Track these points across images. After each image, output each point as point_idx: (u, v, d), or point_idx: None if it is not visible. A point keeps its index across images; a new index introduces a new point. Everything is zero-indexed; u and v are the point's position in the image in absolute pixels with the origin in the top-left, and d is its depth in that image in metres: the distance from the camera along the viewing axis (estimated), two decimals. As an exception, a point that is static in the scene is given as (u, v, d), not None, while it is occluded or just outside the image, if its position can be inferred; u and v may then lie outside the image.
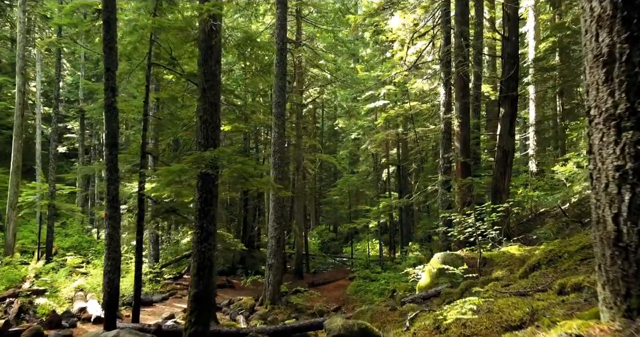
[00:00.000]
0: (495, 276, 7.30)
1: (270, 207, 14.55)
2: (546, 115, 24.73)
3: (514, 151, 12.63)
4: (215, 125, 7.08)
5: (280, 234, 14.42)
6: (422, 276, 9.17)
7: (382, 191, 29.18)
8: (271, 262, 14.33)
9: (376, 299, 15.80)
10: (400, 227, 26.51)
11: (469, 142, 13.04)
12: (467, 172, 12.71)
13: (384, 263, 19.82)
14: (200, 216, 6.92)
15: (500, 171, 12.36)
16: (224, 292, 17.16)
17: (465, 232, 8.93)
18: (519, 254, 8.18)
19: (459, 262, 8.39)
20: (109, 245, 8.25)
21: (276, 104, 14.62)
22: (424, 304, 7.55)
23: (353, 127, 25.91)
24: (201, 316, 6.68)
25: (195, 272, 6.84)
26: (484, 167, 16.56)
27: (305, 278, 21.57)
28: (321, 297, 17.13)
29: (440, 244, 12.93)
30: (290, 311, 14.38)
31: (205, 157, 6.54)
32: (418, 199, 14.68)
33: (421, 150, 20.26)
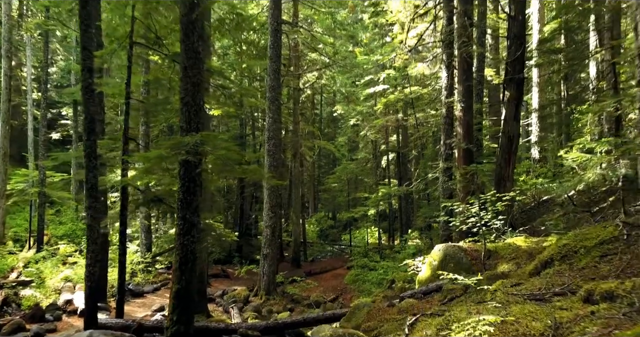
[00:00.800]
0: (501, 271, 6.80)
1: (265, 195, 14.03)
2: (550, 100, 24.10)
3: (519, 137, 12.06)
4: (198, 108, 6.50)
5: (275, 223, 13.93)
6: (422, 269, 8.68)
7: (381, 178, 28.65)
8: (266, 252, 13.87)
9: (374, 290, 15.39)
10: (399, 215, 26.05)
11: (472, 128, 12.46)
12: (470, 159, 12.15)
13: (382, 252, 19.39)
14: (183, 207, 6.39)
15: (504, 158, 11.79)
16: (219, 282, 16.75)
17: (468, 222, 8.41)
18: (526, 246, 7.67)
19: (462, 255, 7.89)
20: (89, 236, 7.74)
21: (270, 88, 14.01)
22: (424, 299, 7.06)
23: (352, 113, 25.26)
24: (184, 314, 6.19)
25: (177, 267, 6.33)
26: (486, 154, 16.00)
27: (303, 267, 21.18)
28: (318, 286, 16.72)
29: (441, 234, 12.43)
30: (286, 302, 13.98)
31: (185, 142, 5.98)
32: (418, 187, 14.15)
33: (421, 136, 19.67)
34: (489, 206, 8.36)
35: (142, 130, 16.43)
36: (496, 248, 7.91)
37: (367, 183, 29.83)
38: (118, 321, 7.95)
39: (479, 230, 8.27)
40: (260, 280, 13.98)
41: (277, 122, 14.16)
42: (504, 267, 7.00)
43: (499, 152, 12.33)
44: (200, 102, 6.57)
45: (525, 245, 7.73)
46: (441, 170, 12.46)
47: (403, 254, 16.66)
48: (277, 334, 7.79)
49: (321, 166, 42.84)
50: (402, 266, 9.73)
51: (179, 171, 6.45)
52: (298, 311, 13.43)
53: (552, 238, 7.69)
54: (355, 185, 30.64)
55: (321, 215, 35.82)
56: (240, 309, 12.61)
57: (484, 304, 3.30)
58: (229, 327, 7.71)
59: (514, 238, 8.43)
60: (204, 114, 11.18)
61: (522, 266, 6.68)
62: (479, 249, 7.97)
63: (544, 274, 4.75)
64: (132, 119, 10.04)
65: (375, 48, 26.67)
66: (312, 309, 13.70)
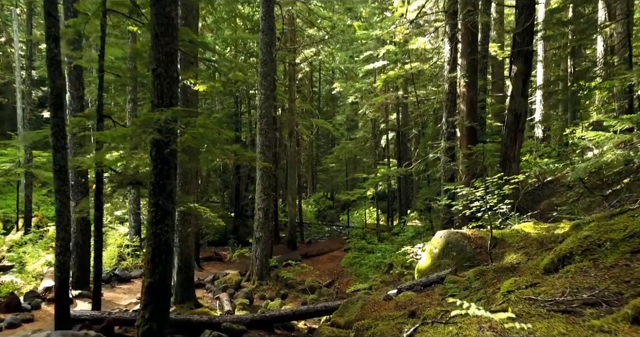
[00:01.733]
0: (510, 262, 6.17)
1: (258, 177, 13.35)
2: (556, 77, 23.19)
3: (526, 114, 11.32)
4: (172, 80, 5.75)
5: (268, 205, 13.29)
6: (421, 257, 8.06)
7: (380, 158, 27.96)
8: (259, 235, 13.28)
9: (371, 274, 14.88)
10: (398, 195, 25.45)
11: (476, 105, 11.70)
12: (473, 138, 11.44)
13: (380, 234, 18.82)
14: (155, 191, 5.70)
15: (510, 137, 11.07)
16: (211, 266, 16.23)
17: (472, 207, 7.75)
18: (535, 233, 7.03)
19: (465, 243, 7.26)
20: (58, 223, 7.08)
21: (262, 62, 13.18)
22: (424, 292, 6.45)
23: (350, 90, 24.36)
24: (157, 311, 5.58)
25: (149, 259, 5.68)
26: (490, 133, 15.27)
27: (299, 249, 20.67)
28: (314, 270, 16.20)
29: (442, 217, 11.81)
30: (279, 287, 13.45)
31: (154, 119, 5.25)
32: (418, 167, 13.47)
33: (422, 114, 18.84)
34: (494, 189, 7.68)
35: (129, 107, 15.65)
36: (502, 235, 7.27)
37: (365, 163, 29.15)
38: (93, 313, 7.38)
39: (484, 215, 7.63)
40: (252, 264, 13.42)
41: (270, 99, 13.38)
42: (512, 257, 6.37)
43: (504, 131, 11.60)
44: (174, 74, 5.82)
45: (534, 232, 7.09)
46: (443, 150, 11.75)
47: (402, 236, 16.10)
48: (265, 328, 7.22)
49: (320, 146, 42.06)
50: (401, 252, 9.09)
51: (150, 151, 5.75)
52: (292, 297, 12.92)
53: (564, 224, 7.04)
54: (354, 165, 29.96)
55: (319, 195, 35.24)
56: (231, 296, 12.08)
57: (497, 315, 2.65)
58: (213, 321, 7.13)
59: (522, 224, 7.79)
60: (191, 91, 10.42)
61: (532, 256, 6.04)
62: (484, 236, 7.34)
63: (564, 272, 4.09)
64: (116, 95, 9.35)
65: (375, 23, 25.62)
66: (306, 294, 13.18)
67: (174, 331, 7.30)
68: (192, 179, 10.32)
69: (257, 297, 12.49)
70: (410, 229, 16.55)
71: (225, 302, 11.22)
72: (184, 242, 10.25)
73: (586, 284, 3.51)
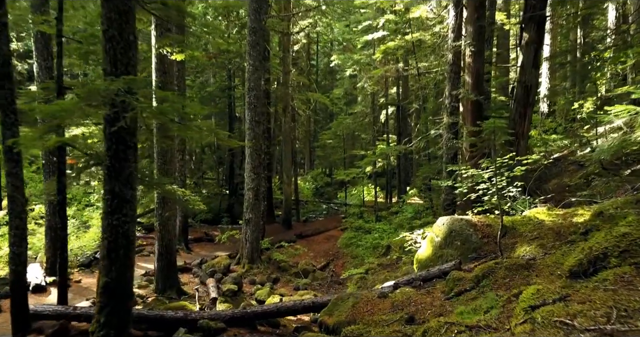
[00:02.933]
0: (522, 255, 5.38)
1: (247, 154, 12.49)
2: (564, 48, 22.03)
3: (537, 87, 10.38)
4: (128, 44, 4.83)
5: (258, 185, 12.48)
6: (422, 245, 7.28)
7: (379, 134, 27.01)
8: (249, 216, 12.51)
9: (368, 256, 14.20)
10: (398, 172, 24.62)
11: (483, 77, 10.75)
12: (479, 113, 10.53)
13: (378, 213, 18.09)
14: (110, 176, 4.86)
15: (519, 112, 10.17)
16: (201, 247, 15.53)
17: (478, 190, 6.93)
18: (550, 221, 6.22)
19: (470, 231, 6.46)
20: (11, 210, 6.27)
21: (251, 31, 12.14)
22: (424, 288, 5.69)
23: (348, 62, 23.22)
24: (115, 315, 4.81)
25: (105, 254, 4.89)
26: (494, 107, 14.31)
27: (294, 228, 19.98)
28: (308, 252, 15.53)
29: (443, 198, 11.01)
30: (271, 271, 12.78)
31: (102, 90, 4.36)
32: (418, 145, 12.60)
33: (423, 86, 17.78)
34: (504, 170, 6.83)
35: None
36: (513, 223, 6.47)
37: (364, 139, 28.22)
38: (56, 308, 6.64)
39: (491, 199, 6.81)
40: (242, 247, 12.71)
41: (259, 70, 12.38)
42: (525, 249, 5.58)
43: (512, 105, 10.69)
44: (129, 37, 4.88)
45: (549, 219, 6.29)
46: (445, 126, 10.85)
47: (400, 216, 15.36)
48: (246, 325, 6.50)
49: (318, 121, 41.04)
50: (399, 239, 8.31)
51: (103, 129, 4.88)
52: (283, 282, 12.26)
53: (583, 211, 6.23)
54: (352, 141, 29.02)
55: (317, 172, 34.44)
56: (219, 281, 11.38)
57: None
58: (188, 317, 6.40)
59: (534, 210, 6.99)
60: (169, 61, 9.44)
61: (550, 250, 5.25)
62: (492, 224, 6.54)
63: (600, 280, 3.28)
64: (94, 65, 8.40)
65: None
66: (299, 279, 12.51)
67: (147, 328, 6.60)
68: (171, 158, 9.47)
69: (246, 282, 11.80)
70: (409, 208, 15.79)
71: (212, 289, 10.53)
72: (164, 226, 9.48)
73: (636, 303, 2.70)
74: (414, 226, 14.14)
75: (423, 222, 14.02)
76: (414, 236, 7.92)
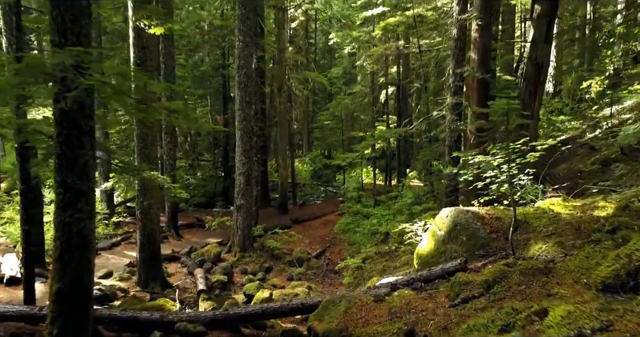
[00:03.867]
0: (538, 256, 4.72)
1: (237, 137, 11.78)
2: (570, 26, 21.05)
3: (549, 64, 9.60)
4: (80, 11, 4.07)
5: (249, 169, 11.80)
6: (423, 238, 6.63)
7: (379, 114, 26.17)
8: (240, 202, 11.87)
9: (366, 243, 13.60)
10: (397, 154, 23.89)
11: (490, 53, 9.93)
12: (485, 93, 9.76)
13: (377, 198, 17.45)
14: (62, 166, 4.16)
15: (529, 91, 9.43)
16: (192, 234, 14.93)
17: (485, 178, 6.24)
18: (568, 214, 5.55)
19: (477, 225, 5.80)
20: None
21: (241, 4, 11.28)
22: (426, 291, 5.06)
23: (347, 39, 22.22)
24: (70, 325, 4.18)
25: (57, 257, 4.23)
26: (499, 87, 13.47)
27: (291, 212, 19.39)
28: (304, 238, 14.94)
29: (446, 184, 10.32)
30: (264, 259, 12.21)
31: (45, 64, 3.62)
32: (420, 127, 11.86)
33: (424, 64, 16.88)
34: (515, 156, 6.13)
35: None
36: (525, 216, 5.80)
37: (363, 120, 27.40)
38: (20, 308, 6.04)
39: (499, 188, 6.13)
40: (233, 235, 12.11)
41: (250, 46, 11.56)
42: (540, 248, 4.92)
43: (521, 84, 9.93)
44: (81, 2, 4.13)
45: (566, 212, 5.61)
46: (449, 106, 10.09)
47: (400, 201, 14.72)
48: (229, 328, 5.90)
49: (317, 101, 40.12)
50: (398, 230, 7.66)
51: (53, 111, 4.17)
52: (277, 271, 11.69)
53: (604, 203, 5.54)
54: (351, 122, 28.20)
55: (316, 153, 33.65)
56: (208, 271, 10.81)
57: None
58: (165, 319, 5.79)
59: (547, 200, 6.31)
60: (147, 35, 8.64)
61: (570, 250, 4.59)
62: (502, 217, 5.87)
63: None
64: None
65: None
66: (293, 268, 11.95)
67: (120, 329, 6.01)
68: (153, 142, 8.76)
69: (237, 271, 11.25)
70: (409, 193, 15.13)
71: (200, 280, 9.94)
72: (146, 214, 8.84)
73: None
74: (414, 212, 13.51)
75: (424, 208, 13.39)
76: (415, 228, 7.26)
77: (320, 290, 10.23)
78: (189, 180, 24.75)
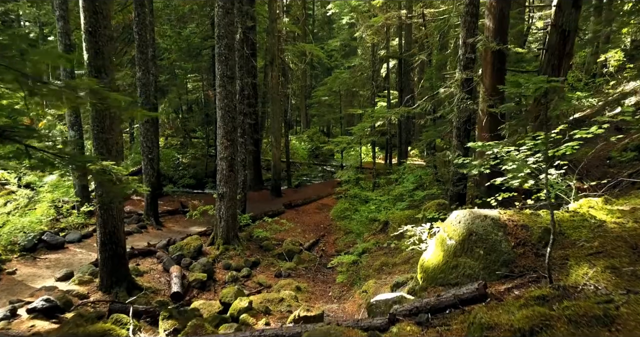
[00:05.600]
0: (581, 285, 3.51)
1: (218, 117, 10.48)
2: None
3: (576, 33, 8.20)
4: None
5: (232, 153, 10.55)
6: (429, 246, 5.42)
7: (379, 89, 24.70)
8: (223, 190, 10.67)
9: (364, 232, 12.49)
10: (398, 132, 22.56)
11: (508, 19, 8.54)
12: (502, 67, 8.42)
13: (376, 181, 16.25)
14: None
15: (552, 64, 8.06)
16: (174, 222, 13.78)
17: (505, 171, 5.00)
18: (615, 223, 4.33)
19: (499, 236, 4.58)
20: None
21: (219, -37, 9.79)
22: (433, 326, 3.88)
23: (345, 9, 20.61)
24: None
25: None
26: (514, 60, 12.07)
27: (285, 195, 18.24)
28: (296, 226, 13.83)
29: (453, 171, 9.07)
30: (250, 252, 11.10)
31: None
32: (424, 106, 10.51)
33: (429, 34, 15.32)
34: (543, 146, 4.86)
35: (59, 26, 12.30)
36: (559, 224, 4.58)
37: (363, 96, 25.91)
38: None
39: (522, 185, 4.89)
40: (216, 226, 10.95)
41: (231, 14, 10.13)
42: (584, 272, 3.71)
43: (542, 56, 8.56)
44: None
45: (612, 220, 4.39)
46: (458, 83, 8.74)
47: (400, 187, 13.51)
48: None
49: (316, 75, 38.55)
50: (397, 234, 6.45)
51: None
52: (264, 265, 10.59)
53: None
54: (350, 98, 26.72)
55: (314, 130, 32.26)
56: (186, 267, 9.72)
57: None
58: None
59: (584, 201, 5.07)
60: None
61: (631, 280, 3.39)
62: (530, 226, 4.64)
63: None
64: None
65: None
66: (282, 261, 10.85)
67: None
68: (112, 125, 7.46)
69: (220, 266, 10.14)
70: (410, 177, 13.90)
71: (175, 280, 8.85)
72: (106, 209, 7.64)
73: None
74: (416, 198, 12.34)
75: (427, 194, 12.21)
76: (418, 232, 6.04)
77: (310, 290, 9.15)
78: (180, 159, 23.51)
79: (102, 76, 7.31)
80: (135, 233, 12.06)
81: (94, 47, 7.22)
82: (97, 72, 7.29)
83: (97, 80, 4.04)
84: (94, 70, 7.29)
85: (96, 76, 7.27)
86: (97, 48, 7.24)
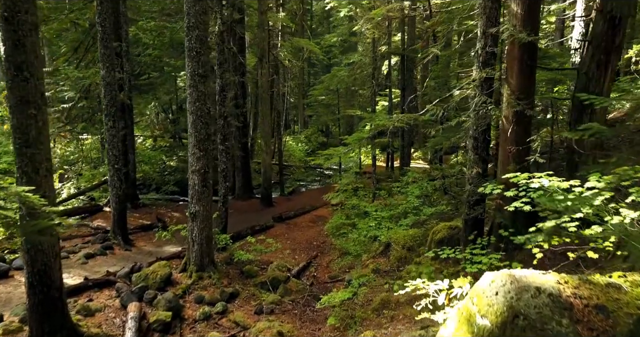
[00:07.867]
0: None
1: (189, 122, 8.86)
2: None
3: (628, 20, 6.58)
4: None
5: (205, 165, 8.94)
6: (449, 323, 3.79)
7: (380, 88, 23.06)
8: (195, 209, 9.07)
9: (362, 253, 10.90)
10: (401, 133, 20.91)
11: (540, 5, 6.89)
12: (532, 63, 6.78)
13: (376, 191, 14.64)
14: None
15: (597, 60, 6.44)
16: (147, 240, 12.13)
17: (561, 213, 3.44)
18: None
19: (563, 325, 2.95)
20: None
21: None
22: None
23: (343, 1, 18.96)
24: None
25: None
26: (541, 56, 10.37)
27: (277, 204, 16.65)
28: (286, 244, 12.24)
29: (469, 190, 7.41)
30: (229, 280, 9.47)
31: None
32: (435, 112, 8.85)
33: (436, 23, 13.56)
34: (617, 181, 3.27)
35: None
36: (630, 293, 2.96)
37: (362, 95, 24.23)
38: None
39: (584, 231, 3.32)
40: (189, 250, 9.35)
41: (203, 0, 8.51)
42: None
43: (584, 50, 6.94)
44: None
45: None
46: (477, 83, 7.09)
47: (404, 203, 11.87)
48: None
49: (316, 73, 36.95)
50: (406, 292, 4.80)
51: None
52: (244, 298, 8.97)
53: None
54: (349, 98, 25.05)
55: (311, 131, 30.61)
56: (150, 302, 8.14)
57: None
58: None
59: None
60: None
61: None
62: (607, 306, 3.01)
63: None
64: None
65: None
66: (266, 292, 9.24)
67: None
68: (39, 136, 5.85)
69: (191, 300, 8.55)
70: (415, 190, 12.26)
71: (130, 324, 7.27)
72: (34, 244, 6.03)
73: None
74: (422, 216, 10.73)
75: (435, 211, 10.61)
76: (431, 291, 4.40)
77: (296, 335, 7.56)
78: (167, 163, 21.93)
79: (25, 76, 5.71)
80: (98, 255, 10.48)
81: (12, 37, 5.62)
82: (17, 70, 5.69)
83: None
84: (14, 67, 5.69)
85: (16, 75, 5.68)
86: (17, 39, 5.63)
